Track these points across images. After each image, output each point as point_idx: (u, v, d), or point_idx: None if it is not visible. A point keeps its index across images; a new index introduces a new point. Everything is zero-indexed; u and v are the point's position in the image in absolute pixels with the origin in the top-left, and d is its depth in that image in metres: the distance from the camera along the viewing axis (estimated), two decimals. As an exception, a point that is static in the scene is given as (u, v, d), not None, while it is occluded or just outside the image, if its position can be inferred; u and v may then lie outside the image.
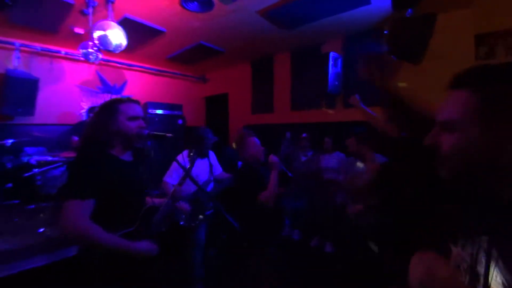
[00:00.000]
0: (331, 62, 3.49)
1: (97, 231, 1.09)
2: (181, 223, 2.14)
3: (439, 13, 2.50)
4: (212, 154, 2.56)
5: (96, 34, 2.58)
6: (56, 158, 3.17)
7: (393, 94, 1.21)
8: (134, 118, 1.29)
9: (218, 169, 2.55)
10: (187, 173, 1.55)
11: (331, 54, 3.49)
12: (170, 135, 1.46)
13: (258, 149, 2.01)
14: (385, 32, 2.97)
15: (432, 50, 2.53)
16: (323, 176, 3.48)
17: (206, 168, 2.41)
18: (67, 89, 4.21)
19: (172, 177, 2.24)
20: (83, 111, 4.28)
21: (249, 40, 3.87)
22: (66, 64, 4.18)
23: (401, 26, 2.40)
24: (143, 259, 1.22)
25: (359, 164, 2.47)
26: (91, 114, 3.77)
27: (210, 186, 2.39)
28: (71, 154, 3.22)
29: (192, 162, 1.63)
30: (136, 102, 1.36)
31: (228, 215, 1.74)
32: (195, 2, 2.77)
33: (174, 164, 2.22)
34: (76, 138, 3.50)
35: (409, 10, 2.59)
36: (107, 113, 1.28)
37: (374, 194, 1.63)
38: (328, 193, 3.37)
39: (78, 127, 3.63)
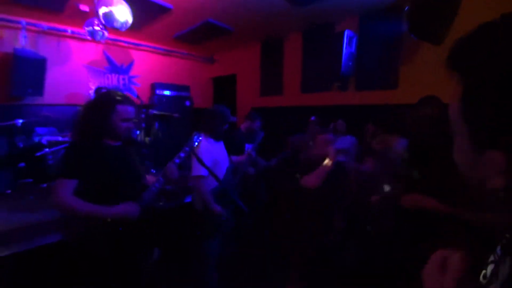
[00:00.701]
0: (345, 41, 3.30)
1: (77, 202, 1.26)
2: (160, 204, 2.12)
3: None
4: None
5: (101, 10, 2.49)
6: (66, 139, 3.19)
7: None
8: (126, 120, 1.41)
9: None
10: (193, 151, 1.53)
11: (346, 33, 3.30)
12: (177, 115, 1.49)
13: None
14: (405, 9, 2.77)
15: (454, 30, 2.35)
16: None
17: (225, 152, 2.27)
18: (74, 69, 4.17)
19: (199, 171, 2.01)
20: (91, 91, 4.26)
21: (260, 18, 3.70)
22: (73, 44, 4.11)
23: (424, 3, 2.21)
24: (126, 221, 1.34)
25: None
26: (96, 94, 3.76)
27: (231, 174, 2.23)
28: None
29: (198, 142, 1.60)
30: (132, 104, 1.45)
31: (237, 200, 1.72)
32: (203, -24, 2.62)
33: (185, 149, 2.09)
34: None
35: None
36: (103, 111, 1.37)
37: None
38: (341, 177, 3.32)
39: None
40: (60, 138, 3.22)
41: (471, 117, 0.33)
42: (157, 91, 4.47)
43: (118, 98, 1.41)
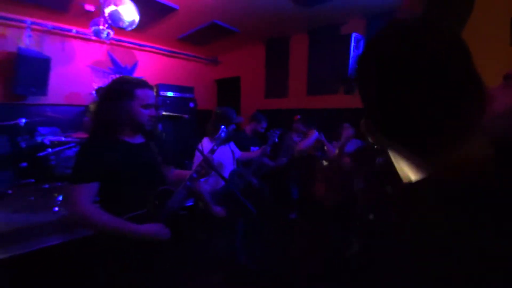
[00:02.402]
0: (353, 44, 3.26)
1: (98, 213, 1.09)
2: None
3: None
4: (231, 142, 2.44)
5: (108, 9, 2.46)
6: (69, 139, 3.15)
7: None
8: (148, 106, 1.25)
9: (237, 153, 2.46)
10: (206, 159, 1.43)
11: (353, 35, 3.26)
12: (187, 116, 1.40)
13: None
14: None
15: (464, 33, 2.31)
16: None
17: (230, 155, 2.28)
18: (78, 69, 4.15)
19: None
20: (93, 91, 4.23)
21: (265, 19, 3.67)
22: (77, 44, 4.09)
23: (438, 2, 2.16)
24: (151, 243, 1.16)
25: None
26: (98, 94, 3.72)
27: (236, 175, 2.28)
28: (84, 135, 3.21)
29: (219, 143, 1.53)
30: (151, 87, 1.30)
31: (244, 200, 1.66)
32: (210, -24, 2.59)
33: (196, 156, 2.06)
34: (87, 119, 3.48)
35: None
36: (122, 97, 1.21)
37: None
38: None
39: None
40: (63, 139, 3.18)
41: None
42: (161, 92, 4.43)
43: (135, 82, 1.26)
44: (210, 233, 2.10)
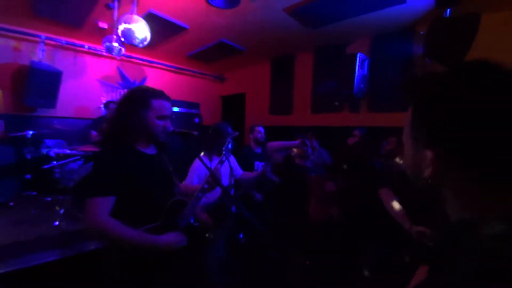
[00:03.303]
0: (358, 64, 3.32)
1: (118, 226, 1.06)
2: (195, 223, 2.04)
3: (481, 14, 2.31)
4: (231, 157, 2.41)
5: (121, 27, 2.54)
6: (74, 152, 3.16)
7: None
8: (163, 117, 1.23)
9: (239, 171, 2.43)
10: (212, 173, 1.42)
11: (359, 55, 3.33)
12: (196, 132, 1.38)
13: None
14: (421, 32, 2.79)
15: (470, 54, 2.35)
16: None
17: (227, 171, 2.27)
18: (88, 83, 4.25)
19: (192, 181, 2.06)
20: (101, 105, 4.30)
21: (272, 38, 3.77)
22: (88, 59, 4.21)
23: (442, 26, 2.22)
24: (170, 252, 1.15)
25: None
26: (109, 107, 3.77)
27: (231, 192, 2.26)
28: (90, 148, 3.22)
29: (221, 162, 1.53)
30: (168, 99, 1.28)
31: (250, 217, 1.62)
32: (221, -2, 2.70)
33: (194, 167, 2.06)
34: (94, 133, 3.51)
35: (448, 10, 2.41)
36: (138, 107, 1.19)
37: None
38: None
39: (98, 122, 3.63)
40: (68, 151, 3.19)
41: (415, 132, 0.50)
42: (167, 107, 4.50)
43: (152, 92, 1.23)
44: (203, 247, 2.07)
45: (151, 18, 3.00)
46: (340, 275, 1.99)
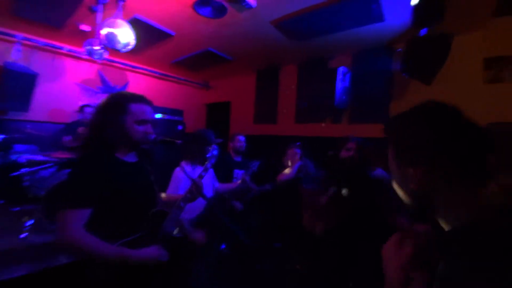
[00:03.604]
0: (339, 77, 3.45)
1: (93, 242, 0.99)
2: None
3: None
4: (210, 170, 2.34)
5: (104, 31, 2.48)
6: (47, 158, 2.99)
7: None
8: (143, 122, 1.18)
9: (216, 183, 2.34)
10: (195, 183, 1.39)
11: (340, 69, 3.46)
12: (180, 141, 1.35)
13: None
14: (398, 50, 2.95)
15: (442, 72, 2.51)
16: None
17: (210, 182, 2.20)
18: (66, 86, 4.07)
19: (177, 190, 1.96)
20: (76, 109, 4.12)
21: (258, 49, 3.83)
22: (67, 61, 4.06)
23: (418, 44, 2.37)
24: (150, 267, 1.09)
25: None
26: (83, 112, 3.62)
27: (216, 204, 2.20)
28: (64, 155, 3.06)
29: (206, 169, 1.49)
30: (149, 103, 1.23)
31: (233, 227, 1.60)
32: (208, 7, 2.71)
33: (178, 176, 1.97)
34: (67, 138, 3.34)
35: (424, 29, 2.58)
36: (115, 112, 1.15)
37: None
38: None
39: (71, 126, 3.47)
40: (40, 158, 3.01)
41: (398, 158, 0.63)
42: (150, 114, 4.39)
43: (130, 96, 1.19)
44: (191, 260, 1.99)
45: (136, 23, 2.95)
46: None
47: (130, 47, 2.65)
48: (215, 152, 1.62)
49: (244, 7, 2.60)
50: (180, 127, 4.80)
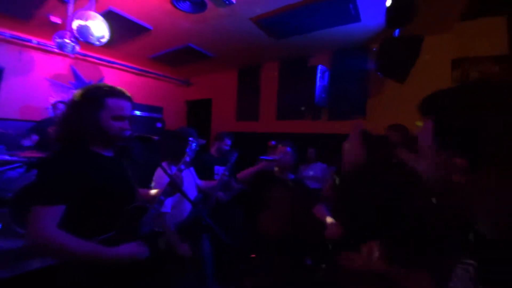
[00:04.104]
0: (318, 75, 3.53)
1: (68, 239, 0.93)
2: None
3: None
4: (191, 168, 2.25)
5: (76, 23, 2.37)
6: (14, 158, 2.82)
7: None
8: (119, 118, 1.13)
9: (198, 181, 2.29)
10: (172, 180, 1.35)
11: (319, 67, 3.53)
12: (157, 138, 1.32)
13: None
14: (373, 49, 3.06)
15: (413, 71, 2.64)
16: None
17: (192, 181, 2.14)
18: (35, 82, 3.84)
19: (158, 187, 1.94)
20: (49, 106, 3.91)
21: (239, 46, 3.82)
22: (37, 55, 3.82)
23: (391, 45, 2.48)
24: (130, 264, 1.04)
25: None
26: (56, 109, 3.45)
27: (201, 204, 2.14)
28: (33, 154, 2.89)
29: (185, 163, 1.46)
30: (128, 98, 1.17)
31: (217, 229, 1.59)
32: (187, 2, 2.67)
33: (161, 174, 1.89)
34: (35, 137, 3.17)
35: (397, 30, 2.69)
36: (90, 106, 1.09)
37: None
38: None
39: (42, 124, 3.29)
40: (7, 157, 2.83)
41: (442, 141, 0.54)
42: (127, 111, 4.26)
43: (108, 90, 1.12)
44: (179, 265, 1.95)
45: (111, 16, 2.84)
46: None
47: (104, 40, 2.54)
48: (193, 146, 1.58)
49: (224, 3, 2.59)
50: (159, 125, 4.69)
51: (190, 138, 1.62)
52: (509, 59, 2.78)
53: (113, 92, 1.13)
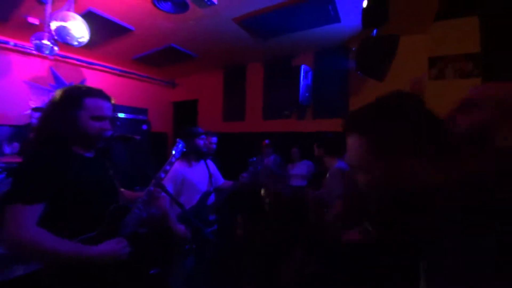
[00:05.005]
0: (302, 75, 3.60)
1: (47, 237, 0.92)
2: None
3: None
4: (211, 163, 2.33)
5: (54, 24, 2.32)
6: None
7: None
8: (99, 118, 1.12)
9: (220, 179, 2.35)
10: (157, 181, 1.36)
11: (303, 67, 3.61)
12: (139, 137, 1.32)
13: None
14: (353, 49, 3.16)
15: (392, 70, 2.75)
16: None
17: (205, 177, 2.19)
18: (13, 85, 3.71)
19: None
20: (28, 111, 3.79)
21: (223, 47, 3.84)
22: (14, 57, 3.70)
23: (369, 44, 2.57)
24: (110, 263, 1.03)
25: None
26: (36, 114, 3.35)
27: (211, 199, 2.17)
28: (13, 159, 2.81)
29: (170, 163, 1.47)
30: (107, 98, 1.17)
31: (200, 224, 1.61)
32: (168, 2, 2.66)
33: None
34: (17, 144, 3.08)
35: (375, 30, 2.79)
36: (68, 106, 1.08)
37: None
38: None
39: (22, 131, 3.20)
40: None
41: (382, 151, 0.59)
42: (111, 113, 4.18)
43: (86, 90, 1.12)
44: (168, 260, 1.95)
45: (91, 17, 2.80)
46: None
47: (83, 41, 2.50)
48: (180, 146, 1.60)
49: (206, 3, 2.60)
50: (145, 127, 4.63)
51: (177, 139, 1.64)
52: (481, 57, 2.94)
53: (92, 92, 1.13)
